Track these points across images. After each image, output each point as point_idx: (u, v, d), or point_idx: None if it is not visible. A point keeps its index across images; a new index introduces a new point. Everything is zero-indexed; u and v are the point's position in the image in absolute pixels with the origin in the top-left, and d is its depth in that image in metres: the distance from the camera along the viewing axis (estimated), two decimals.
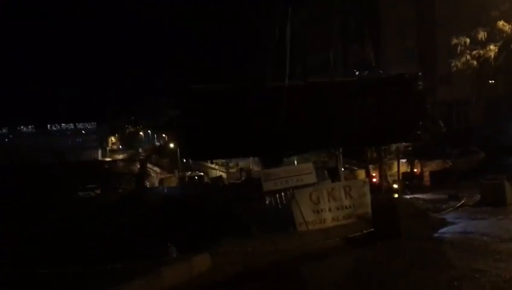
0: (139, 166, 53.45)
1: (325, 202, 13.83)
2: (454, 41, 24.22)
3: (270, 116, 13.59)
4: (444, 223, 12.32)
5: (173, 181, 45.99)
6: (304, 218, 13.56)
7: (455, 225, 12.07)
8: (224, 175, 49.51)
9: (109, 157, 73.70)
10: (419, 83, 14.70)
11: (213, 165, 58.85)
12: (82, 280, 8.57)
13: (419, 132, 14.67)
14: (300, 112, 13.78)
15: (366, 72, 19.36)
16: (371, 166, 25.20)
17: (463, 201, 16.09)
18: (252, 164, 44.97)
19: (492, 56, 23.25)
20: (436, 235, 11.10)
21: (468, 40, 23.73)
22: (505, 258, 8.05)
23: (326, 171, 21.22)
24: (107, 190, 36.68)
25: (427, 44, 38.40)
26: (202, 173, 51.91)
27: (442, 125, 18.92)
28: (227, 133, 13.54)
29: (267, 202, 14.80)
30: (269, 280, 8.28)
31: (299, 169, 15.08)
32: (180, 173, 53.16)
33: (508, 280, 6.77)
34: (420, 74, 18.56)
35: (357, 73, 21.90)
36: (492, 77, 35.62)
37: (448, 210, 14.87)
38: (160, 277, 8.56)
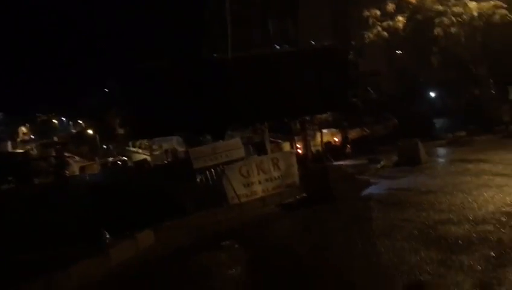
0: (54, 155, 50.73)
1: (255, 175, 14.13)
2: (366, 13, 25.34)
3: (215, 89, 13.47)
4: (369, 183, 13.15)
5: (95, 168, 44.26)
6: (235, 192, 13.77)
7: (379, 184, 12.98)
8: (148, 158, 48.49)
9: (21, 149, 68.83)
10: (350, 53, 15.28)
11: (136, 149, 57.37)
12: (26, 265, 8.24)
13: (355, 100, 15.35)
14: (244, 84, 13.78)
15: (287, 46, 19.66)
16: (295, 138, 25.93)
17: (383, 163, 17.22)
18: (176, 145, 44.41)
19: (401, 26, 24.64)
20: (364, 194, 11.84)
21: (378, 12, 24.93)
22: (426, 207, 8.82)
23: (251, 146, 21.58)
24: (22, 182, 34.36)
25: (341, 17, 39.77)
26: (126, 158, 50.47)
27: (372, 92, 19.87)
28: (173, 109, 13.22)
29: (198, 180, 14.80)
30: (215, 250, 8.41)
31: (228, 145, 15.19)
32: (102, 160, 51.24)
33: (431, 225, 7.45)
34: (353, 43, 19.17)
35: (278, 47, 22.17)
36: (401, 47, 37.78)
37: (370, 172, 15.83)
38: (107, 255, 8.52)
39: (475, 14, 23.04)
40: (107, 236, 10.47)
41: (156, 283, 7.45)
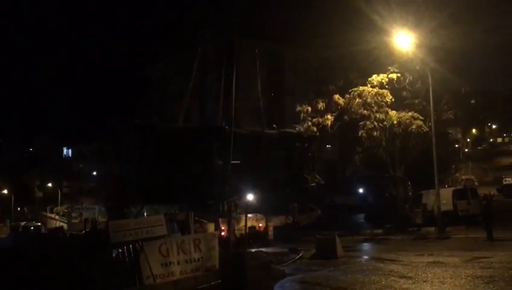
0: None
1: (174, 255, 13.79)
2: (298, 108, 26.99)
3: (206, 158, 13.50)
4: (284, 274, 13.33)
5: (4, 232, 41.35)
6: (151, 271, 13.32)
7: (294, 276, 13.22)
8: (65, 226, 45.95)
9: None
10: (313, 143, 16.25)
11: (53, 215, 54.31)
12: None
13: (313, 184, 15.99)
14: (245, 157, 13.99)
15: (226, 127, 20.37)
16: (220, 219, 25.85)
17: (301, 254, 17.58)
18: (97, 215, 42.72)
19: (329, 124, 26.35)
20: (277, 285, 11.95)
21: (309, 109, 26.64)
22: None
23: (175, 224, 21.25)
24: None
25: (276, 108, 42.04)
26: (39, 223, 47.48)
27: (320, 178, 20.88)
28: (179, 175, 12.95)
29: (114, 255, 14.23)
30: None
31: (150, 221, 14.94)
32: (13, 223, 47.90)
33: None
34: (318, 134, 20.41)
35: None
36: (330, 142, 40.00)
37: (288, 263, 16.06)
38: None
39: (395, 121, 25.22)
40: None
41: None
